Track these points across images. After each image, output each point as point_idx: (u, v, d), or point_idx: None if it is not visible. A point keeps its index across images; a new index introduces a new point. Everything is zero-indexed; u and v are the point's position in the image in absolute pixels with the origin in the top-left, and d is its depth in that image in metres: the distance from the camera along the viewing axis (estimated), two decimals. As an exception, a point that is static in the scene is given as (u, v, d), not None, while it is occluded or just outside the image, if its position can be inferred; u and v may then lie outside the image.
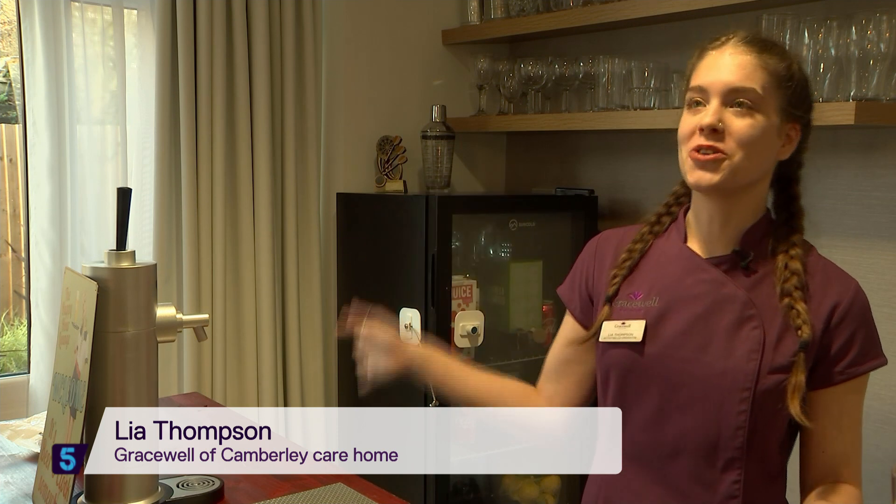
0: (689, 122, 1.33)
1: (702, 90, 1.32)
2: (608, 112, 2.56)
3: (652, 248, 1.44)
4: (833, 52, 2.00)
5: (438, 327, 2.46)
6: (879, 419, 2.17)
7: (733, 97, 1.29)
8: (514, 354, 2.79)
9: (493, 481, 2.87)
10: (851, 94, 1.98)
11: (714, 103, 1.30)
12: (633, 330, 1.37)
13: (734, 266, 1.36)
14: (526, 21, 2.76)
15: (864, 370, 1.32)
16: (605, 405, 1.44)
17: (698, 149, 1.30)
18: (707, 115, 1.29)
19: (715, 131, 1.29)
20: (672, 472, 1.35)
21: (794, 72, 1.33)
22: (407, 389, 2.57)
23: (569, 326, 1.53)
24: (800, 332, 1.28)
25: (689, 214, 1.42)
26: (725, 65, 1.30)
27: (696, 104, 1.32)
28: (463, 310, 2.58)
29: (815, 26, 2.02)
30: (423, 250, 2.47)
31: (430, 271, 2.46)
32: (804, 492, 1.37)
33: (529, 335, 2.77)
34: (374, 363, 1.49)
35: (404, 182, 2.83)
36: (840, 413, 1.33)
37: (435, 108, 2.79)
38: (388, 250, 2.63)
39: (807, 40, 2.03)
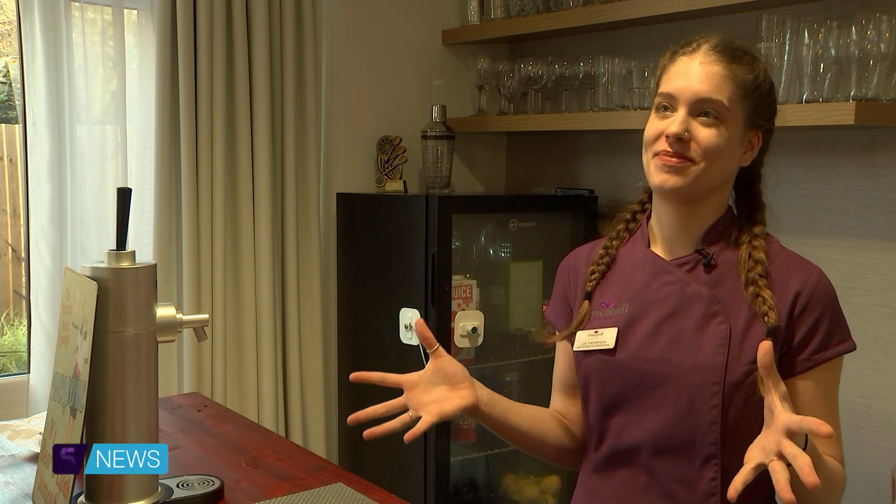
0: (655, 126, 1.35)
1: (671, 97, 1.34)
2: (608, 112, 2.56)
3: (619, 257, 1.48)
4: (833, 52, 2.00)
5: (438, 327, 2.46)
6: (879, 419, 2.17)
7: (700, 107, 1.31)
8: (514, 354, 2.79)
9: (493, 481, 2.87)
10: (851, 94, 1.98)
11: (682, 112, 1.32)
12: (606, 338, 1.40)
13: (697, 265, 1.38)
14: (526, 21, 2.76)
15: (830, 356, 1.33)
16: (587, 413, 1.47)
17: (663, 153, 1.33)
18: (674, 124, 1.31)
19: (681, 140, 1.31)
20: (656, 474, 1.37)
21: (760, 81, 1.35)
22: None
23: (563, 353, 1.55)
24: (766, 318, 1.30)
25: (652, 220, 1.45)
26: (695, 74, 1.32)
27: (664, 109, 1.35)
28: (463, 310, 2.58)
29: (815, 26, 2.02)
30: (423, 250, 2.47)
31: (430, 271, 2.46)
32: None
33: (529, 335, 2.77)
34: (438, 404, 1.39)
35: (404, 182, 2.83)
36: (813, 401, 1.33)
37: (435, 108, 2.79)
38: (388, 250, 2.63)
39: (807, 40, 2.03)
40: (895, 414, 2.14)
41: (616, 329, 1.40)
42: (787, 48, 2.06)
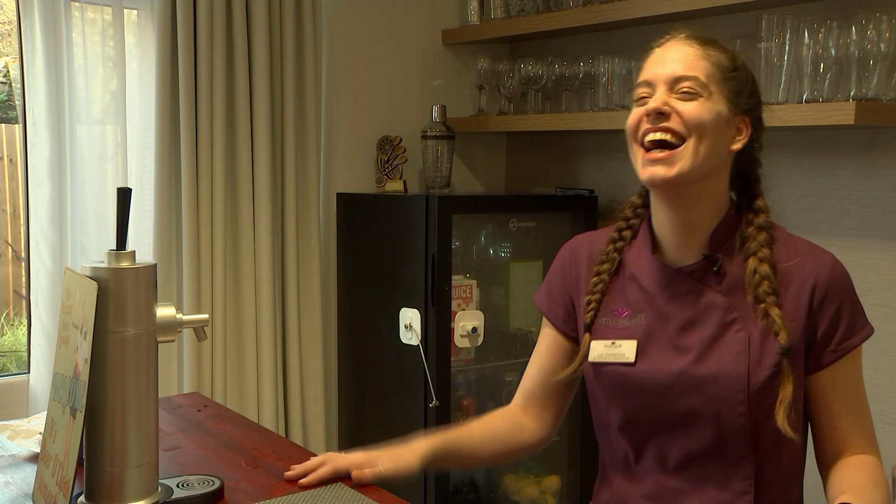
0: (636, 112, 1.34)
1: (648, 83, 1.33)
2: (608, 112, 2.56)
3: (625, 263, 1.44)
4: (833, 52, 2.00)
5: (438, 327, 2.46)
6: (879, 419, 2.17)
7: (677, 85, 1.30)
8: (514, 354, 2.79)
9: (493, 481, 2.87)
10: (851, 94, 1.98)
11: (660, 91, 1.31)
12: (626, 350, 1.37)
13: (707, 272, 1.35)
14: (526, 21, 2.76)
15: (857, 343, 1.33)
16: (607, 426, 1.44)
17: (644, 135, 1.31)
18: (653, 101, 1.30)
19: (661, 114, 1.29)
20: (687, 478, 1.35)
21: (738, 64, 1.34)
22: (407, 389, 2.58)
23: (549, 340, 1.53)
24: (778, 337, 1.28)
25: (653, 223, 1.41)
26: (669, 58, 1.32)
27: (643, 98, 1.34)
28: (463, 310, 2.58)
29: (815, 26, 2.02)
30: (423, 250, 2.47)
31: (430, 271, 2.46)
32: (823, 470, 1.38)
33: (529, 335, 2.77)
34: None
35: (404, 182, 2.83)
36: (843, 388, 1.34)
37: (435, 108, 2.79)
38: (388, 250, 2.63)
39: (807, 40, 2.03)
40: (895, 414, 2.14)
41: (636, 342, 1.37)
42: (787, 48, 2.06)
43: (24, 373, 2.45)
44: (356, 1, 2.82)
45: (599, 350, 1.39)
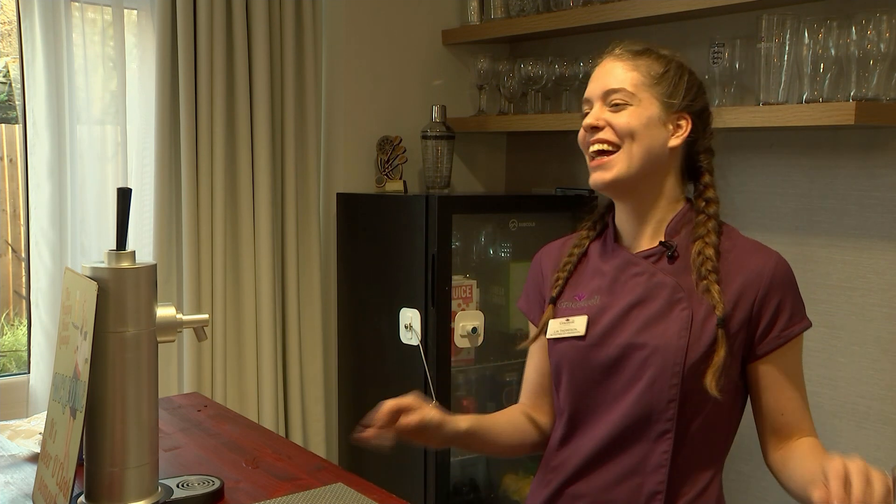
0: (581, 129, 1.50)
1: (587, 101, 1.50)
2: (608, 112, 2.56)
3: (590, 252, 1.57)
4: (833, 52, 2.00)
5: (438, 327, 2.46)
6: (879, 419, 2.17)
7: (609, 97, 1.46)
8: (514, 354, 2.79)
9: (493, 481, 2.87)
10: (851, 94, 1.98)
11: (596, 107, 1.48)
12: (577, 325, 1.49)
13: (661, 257, 1.48)
14: (526, 21, 2.76)
15: (795, 333, 1.42)
16: (558, 399, 1.55)
17: (589, 146, 1.47)
18: (588, 118, 1.48)
19: (595, 128, 1.46)
20: (614, 448, 1.44)
21: (669, 68, 1.47)
22: (407, 389, 2.57)
23: (537, 343, 1.63)
24: (716, 309, 1.39)
25: (616, 217, 1.56)
26: (601, 74, 1.49)
27: (586, 115, 1.50)
28: (463, 310, 2.58)
29: (815, 26, 2.02)
30: (423, 250, 2.48)
31: (430, 271, 2.46)
32: (767, 455, 1.47)
33: (529, 335, 2.77)
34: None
35: (404, 182, 2.83)
36: (782, 377, 1.43)
37: (435, 108, 2.79)
38: (388, 250, 2.63)
39: (807, 40, 2.03)
40: (895, 414, 2.14)
41: (586, 317, 1.48)
42: (787, 48, 2.06)
43: (24, 373, 2.46)
44: (356, 1, 2.82)
45: (556, 327, 1.52)
